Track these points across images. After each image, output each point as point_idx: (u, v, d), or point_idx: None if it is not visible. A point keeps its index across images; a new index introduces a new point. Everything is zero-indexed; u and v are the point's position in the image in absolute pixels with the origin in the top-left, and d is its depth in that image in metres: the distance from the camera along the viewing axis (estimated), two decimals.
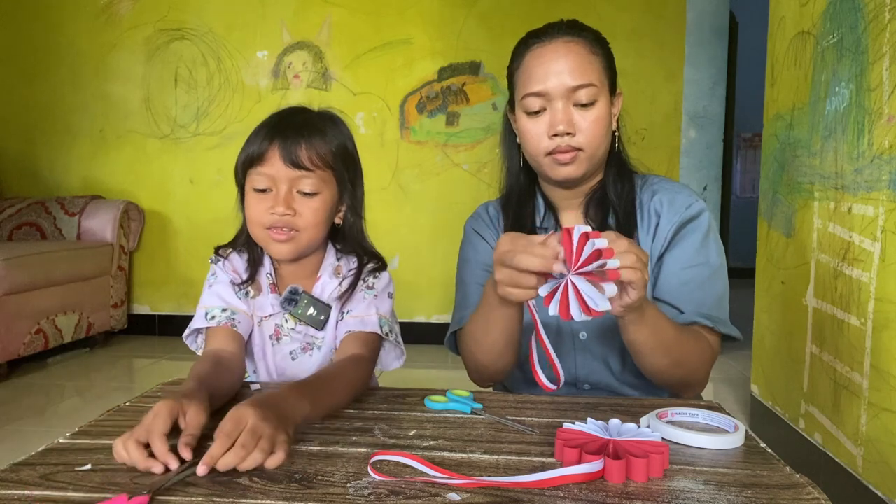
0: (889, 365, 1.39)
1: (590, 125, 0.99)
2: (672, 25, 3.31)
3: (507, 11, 3.36)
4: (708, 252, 1.04)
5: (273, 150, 0.97)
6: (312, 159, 0.98)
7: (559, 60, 0.99)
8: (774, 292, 2.07)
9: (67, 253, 3.05)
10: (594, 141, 1.01)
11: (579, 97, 0.99)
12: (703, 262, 1.03)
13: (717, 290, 1.03)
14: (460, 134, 3.44)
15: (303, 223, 0.99)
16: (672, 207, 1.05)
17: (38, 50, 3.59)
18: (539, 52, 1.02)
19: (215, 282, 1.05)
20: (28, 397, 2.54)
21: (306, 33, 3.45)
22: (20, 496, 0.61)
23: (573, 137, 0.99)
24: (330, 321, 1.05)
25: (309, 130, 1.00)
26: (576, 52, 1.00)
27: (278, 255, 1.02)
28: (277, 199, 0.97)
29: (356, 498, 0.61)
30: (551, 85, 0.99)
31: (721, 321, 1.01)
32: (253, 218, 1.00)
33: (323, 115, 1.06)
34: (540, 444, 0.75)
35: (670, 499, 0.61)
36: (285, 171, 0.97)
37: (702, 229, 1.04)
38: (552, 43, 1.01)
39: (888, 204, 1.41)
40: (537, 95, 1.00)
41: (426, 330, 3.39)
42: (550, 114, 1.00)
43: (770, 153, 2.15)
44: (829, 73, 1.71)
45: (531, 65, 1.02)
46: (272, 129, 0.99)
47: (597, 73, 1.00)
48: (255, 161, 0.98)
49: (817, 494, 0.63)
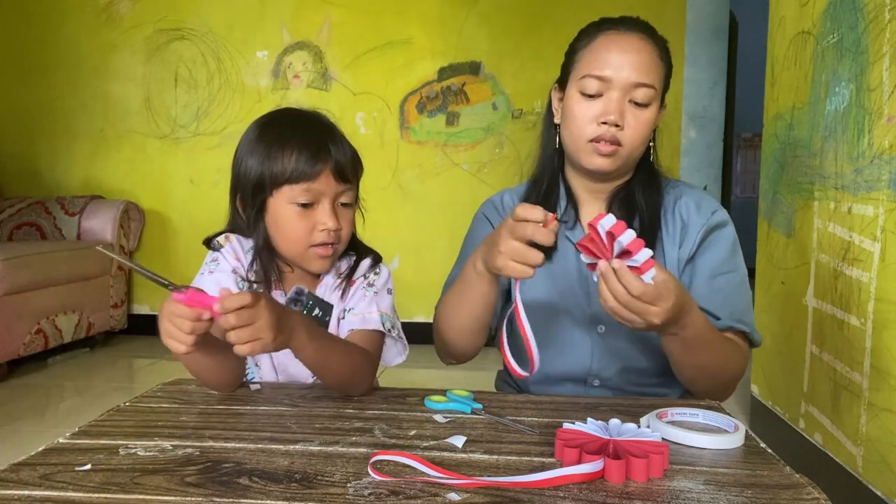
0: (889, 365, 1.39)
1: (638, 125, 1.00)
2: (672, 25, 3.30)
3: (507, 11, 3.36)
4: (737, 260, 1.06)
5: (325, 166, 0.95)
6: (355, 172, 0.98)
7: (631, 53, 0.98)
8: (774, 292, 2.07)
9: (67, 253, 3.04)
10: (636, 141, 1.01)
11: (637, 95, 0.99)
12: (733, 270, 1.04)
13: (746, 298, 1.05)
14: (460, 134, 3.44)
15: (345, 234, 0.99)
16: (699, 212, 1.06)
17: (38, 50, 3.59)
18: (614, 38, 1.00)
19: (216, 269, 1.01)
20: (28, 397, 2.54)
21: (306, 33, 3.45)
22: (20, 496, 0.61)
23: (619, 131, 0.99)
24: (332, 320, 1.04)
25: (342, 140, 0.99)
26: (648, 51, 1.00)
27: (319, 269, 1.01)
28: (325, 214, 0.96)
29: (356, 498, 0.61)
30: (617, 74, 0.98)
31: (753, 328, 1.03)
32: (296, 236, 0.97)
33: (327, 119, 1.04)
34: (540, 444, 0.75)
35: (670, 499, 0.61)
36: (335, 187, 0.96)
37: (730, 237, 1.06)
38: (629, 35, 1.00)
39: (888, 204, 1.41)
40: (599, 79, 0.99)
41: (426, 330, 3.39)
42: (605, 101, 0.99)
43: (770, 153, 2.15)
44: (829, 73, 1.71)
45: (601, 47, 1.00)
46: (317, 143, 0.96)
47: (658, 78, 1.01)
48: (301, 178, 0.94)
49: (817, 494, 0.63)
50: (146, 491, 0.62)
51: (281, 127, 0.99)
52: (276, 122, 1.01)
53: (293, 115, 1.02)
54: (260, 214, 0.99)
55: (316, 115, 1.03)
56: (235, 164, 1.01)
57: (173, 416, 0.84)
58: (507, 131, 3.42)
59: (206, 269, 1.02)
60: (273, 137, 0.97)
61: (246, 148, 0.99)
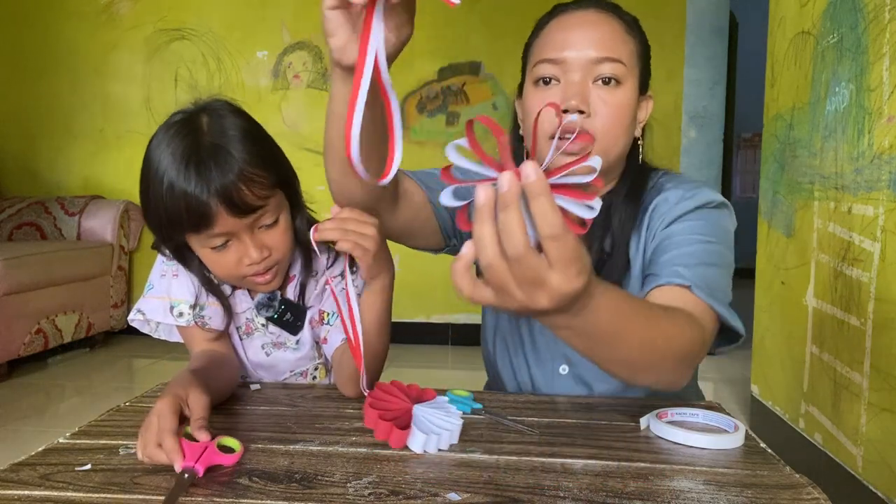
0: (889, 365, 1.39)
1: (610, 109, 0.82)
2: (672, 25, 3.31)
3: (507, 11, 3.36)
4: (722, 234, 0.84)
5: (218, 206, 0.81)
6: (259, 193, 0.84)
7: (585, 28, 0.83)
8: (774, 292, 2.07)
9: (67, 253, 3.05)
10: (612, 130, 0.83)
11: (602, 70, 0.82)
12: (714, 241, 0.83)
13: (725, 280, 0.82)
14: (460, 134, 3.44)
15: (279, 255, 0.90)
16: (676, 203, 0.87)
17: (38, 50, 3.59)
18: (564, 18, 0.86)
19: (180, 270, 0.95)
20: (28, 397, 2.54)
21: (306, 33, 3.45)
22: (20, 496, 0.61)
23: (587, 119, 0.81)
24: (304, 323, 1.00)
25: (231, 161, 0.82)
26: (608, 24, 0.84)
27: (267, 290, 0.95)
28: (245, 249, 0.87)
29: (356, 498, 0.61)
30: (571, 53, 0.82)
31: (731, 312, 0.79)
32: (224, 273, 0.90)
33: (218, 121, 0.86)
34: (540, 445, 0.75)
35: (670, 499, 0.61)
36: (241, 223, 0.84)
37: (717, 218, 0.85)
38: (581, 11, 0.86)
39: (888, 204, 1.41)
40: (552, 62, 0.84)
41: (426, 330, 3.39)
42: (564, 86, 0.83)
43: (770, 153, 2.15)
44: (829, 73, 1.71)
45: (554, 30, 0.86)
46: (202, 179, 0.80)
47: (627, 54, 0.84)
48: (198, 226, 0.83)
49: (817, 494, 0.63)
50: (146, 491, 0.62)
51: (167, 159, 0.83)
52: (165, 146, 0.84)
53: (181, 135, 0.84)
54: (185, 251, 0.92)
55: (199, 132, 0.84)
56: (140, 195, 0.88)
57: None
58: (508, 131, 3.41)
59: (170, 270, 0.96)
60: (160, 174, 0.82)
61: (144, 182, 0.86)
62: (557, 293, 0.47)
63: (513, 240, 0.45)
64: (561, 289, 0.47)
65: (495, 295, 0.49)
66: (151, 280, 0.99)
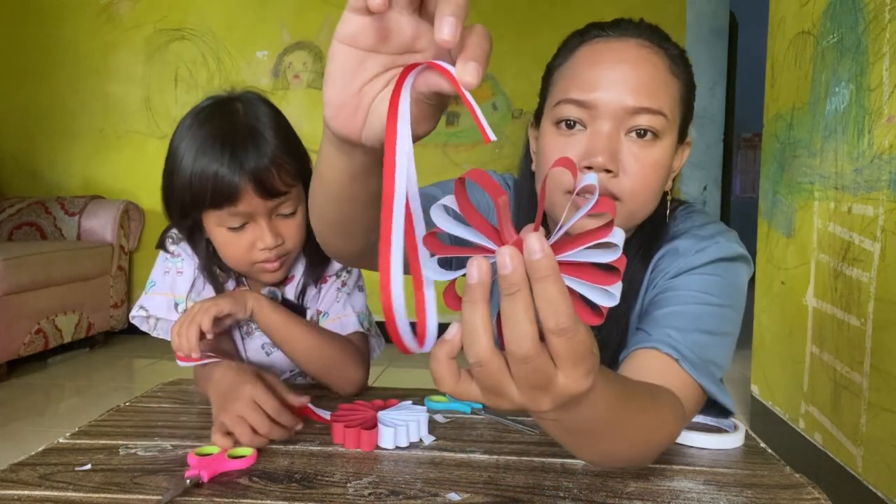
0: (889, 365, 1.39)
1: (643, 169, 0.69)
2: (672, 26, 3.30)
3: (508, 11, 3.36)
4: (733, 294, 0.74)
5: (245, 184, 0.84)
6: (286, 180, 0.87)
7: (623, 66, 0.68)
8: (774, 292, 2.07)
9: (67, 253, 3.04)
10: (642, 193, 0.70)
11: (638, 122, 0.68)
12: (721, 303, 0.72)
13: (722, 349, 0.72)
14: (460, 134, 3.44)
15: (291, 245, 0.92)
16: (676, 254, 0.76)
17: (38, 50, 3.59)
18: (598, 48, 0.71)
19: (184, 266, 0.97)
20: (28, 397, 2.53)
21: (306, 33, 3.45)
22: (20, 496, 0.61)
23: (613, 179, 0.68)
24: None
25: (264, 144, 0.86)
26: (651, 63, 0.69)
27: (271, 280, 0.96)
28: (261, 232, 0.88)
29: (356, 498, 0.61)
30: (604, 96, 0.68)
31: (722, 389, 0.72)
32: (235, 256, 0.91)
33: (252, 108, 0.91)
34: (540, 445, 0.75)
35: (670, 499, 0.61)
36: (263, 204, 0.87)
37: (729, 272, 0.74)
38: (621, 41, 0.71)
39: (888, 204, 1.41)
40: (579, 105, 0.69)
41: None
42: (590, 136, 0.69)
43: (770, 153, 2.15)
44: (829, 73, 1.71)
45: (584, 61, 0.71)
46: (235, 157, 0.84)
47: (671, 100, 0.70)
48: (222, 202, 0.85)
49: (817, 494, 0.63)
50: (146, 491, 0.62)
51: (199, 139, 0.87)
52: (198, 128, 0.89)
53: (215, 117, 0.89)
54: (196, 232, 0.93)
55: (236, 115, 0.89)
56: (164, 175, 0.92)
57: (173, 416, 0.84)
58: (508, 131, 3.42)
59: (174, 267, 0.98)
60: (192, 151, 0.87)
61: (171, 161, 0.90)
62: (561, 396, 0.38)
63: (519, 336, 0.35)
64: (567, 391, 0.38)
65: (485, 395, 0.39)
66: (153, 277, 1.00)
